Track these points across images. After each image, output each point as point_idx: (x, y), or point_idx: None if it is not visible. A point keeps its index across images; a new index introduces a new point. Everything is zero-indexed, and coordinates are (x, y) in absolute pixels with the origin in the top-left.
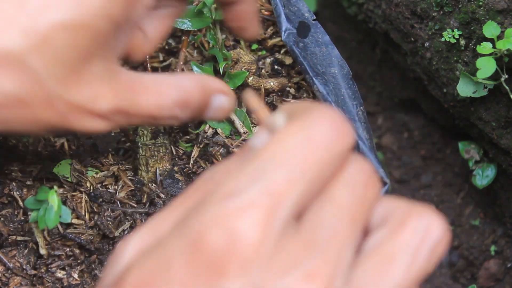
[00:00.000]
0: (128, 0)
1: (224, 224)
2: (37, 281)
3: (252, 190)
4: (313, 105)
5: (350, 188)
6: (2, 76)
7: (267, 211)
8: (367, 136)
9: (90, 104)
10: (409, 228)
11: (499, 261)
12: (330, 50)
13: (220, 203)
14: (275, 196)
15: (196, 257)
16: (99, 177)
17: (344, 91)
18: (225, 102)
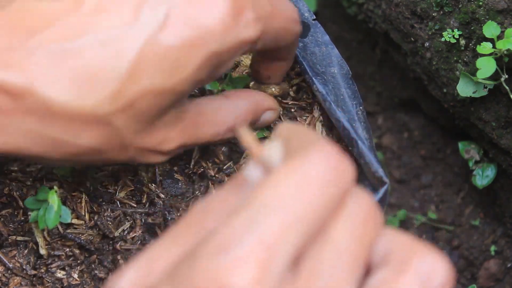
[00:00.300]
0: (215, 65)
1: (218, 281)
2: (37, 281)
3: (245, 243)
4: (311, 138)
5: (349, 228)
6: (86, 134)
7: (262, 264)
8: (366, 136)
9: (158, 147)
10: (411, 272)
11: (499, 261)
12: (330, 50)
13: (212, 257)
14: (269, 247)
15: None
16: (98, 177)
17: (344, 91)
18: (272, 116)
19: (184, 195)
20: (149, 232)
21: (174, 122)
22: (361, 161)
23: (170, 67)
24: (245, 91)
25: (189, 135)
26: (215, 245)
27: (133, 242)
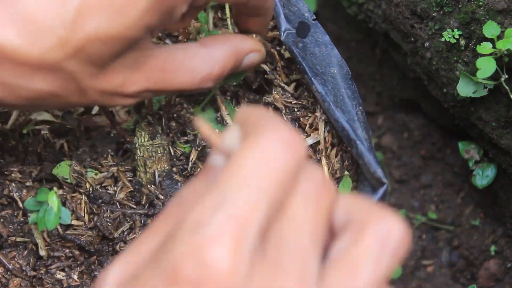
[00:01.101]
0: (164, 10)
1: (196, 255)
2: (36, 282)
3: (216, 219)
4: (263, 118)
5: (304, 201)
6: (39, 79)
7: (234, 238)
8: (366, 136)
9: (120, 89)
10: (369, 235)
11: (499, 261)
12: (330, 50)
13: (189, 235)
14: (239, 221)
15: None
16: (98, 178)
17: (344, 91)
18: (257, 57)
19: None
20: None
21: (136, 65)
22: (360, 162)
23: (115, 12)
24: (223, 36)
25: (155, 80)
26: (190, 225)
27: None
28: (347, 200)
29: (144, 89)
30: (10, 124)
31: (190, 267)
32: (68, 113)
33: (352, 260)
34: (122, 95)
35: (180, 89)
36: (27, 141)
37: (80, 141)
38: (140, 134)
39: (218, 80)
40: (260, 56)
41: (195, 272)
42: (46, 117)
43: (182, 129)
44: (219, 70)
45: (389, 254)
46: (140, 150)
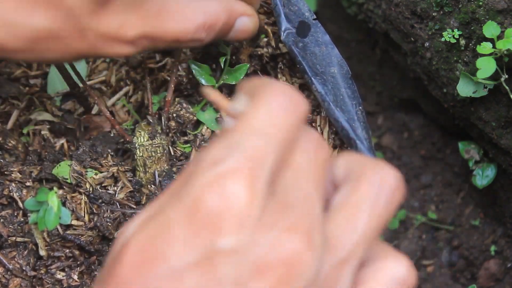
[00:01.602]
0: None
1: (216, 188)
2: (36, 282)
3: (234, 157)
4: (268, 81)
5: (305, 156)
6: (39, 15)
7: (250, 173)
8: (365, 136)
9: (117, 31)
10: (365, 182)
11: (499, 261)
12: (330, 50)
13: (208, 170)
14: (254, 160)
15: (195, 218)
16: (98, 178)
17: (344, 91)
18: (249, 23)
19: None
20: None
21: (134, 7)
22: None
23: None
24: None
25: (152, 24)
26: (208, 162)
27: None
28: (346, 157)
29: (141, 34)
30: (10, 124)
31: (210, 198)
32: (68, 113)
33: (351, 205)
34: (121, 40)
35: (175, 37)
36: (27, 141)
37: (80, 141)
38: (140, 134)
39: (210, 33)
40: (253, 23)
41: (216, 203)
42: (46, 117)
43: (182, 129)
44: (212, 21)
45: (384, 199)
46: (139, 150)
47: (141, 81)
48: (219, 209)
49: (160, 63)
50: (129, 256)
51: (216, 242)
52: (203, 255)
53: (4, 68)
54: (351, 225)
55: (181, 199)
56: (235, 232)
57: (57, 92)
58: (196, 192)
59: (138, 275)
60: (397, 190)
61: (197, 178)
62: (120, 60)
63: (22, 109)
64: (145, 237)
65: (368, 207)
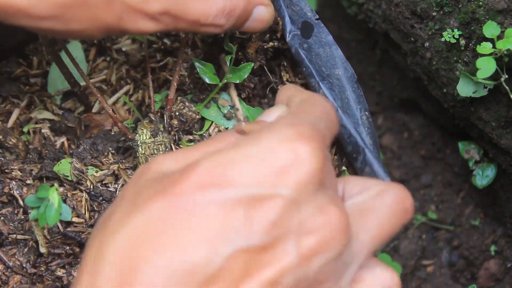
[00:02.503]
0: None
1: (291, 146)
2: (37, 279)
3: (308, 126)
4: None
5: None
6: None
7: (322, 145)
8: (370, 142)
9: (143, 4)
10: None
11: (499, 261)
12: (334, 51)
13: (286, 128)
14: (322, 134)
15: (269, 161)
16: (99, 176)
17: (349, 94)
18: (265, 12)
19: None
20: None
21: None
22: (367, 169)
23: None
24: None
25: (175, 1)
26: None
27: None
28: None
29: (164, 10)
30: (11, 123)
31: (287, 150)
32: (69, 112)
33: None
34: (145, 14)
35: (196, 18)
36: (28, 140)
37: (80, 140)
38: (142, 131)
39: (230, 19)
40: (269, 14)
41: (291, 155)
42: (47, 116)
43: (184, 127)
44: (231, 7)
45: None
46: (142, 147)
47: (141, 80)
48: (288, 165)
49: (161, 62)
50: (197, 175)
51: (280, 188)
52: (267, 193)
53: (4, 67)
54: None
55: (260, 142)
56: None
57: (57, 91)
58: (275, 140)
59: (202, 192)
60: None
61: (277, 130)
62: (120, 59)
63: (23, 108)
64: (218, 162)
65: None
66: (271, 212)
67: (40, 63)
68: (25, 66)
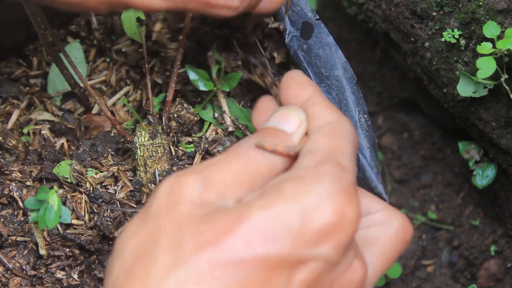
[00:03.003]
0: None
1: (338, 206)
2: (36, 281)
3: (350, 178)
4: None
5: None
6: None
7: (358, 194)
8: (367, 145)
9: None
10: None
11: (499, 261)
12: (334, 52)
13: (331, 183)
14: (354, 178)
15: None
16: (98, 178)
17: (348, 95)
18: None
19: None
20: None
21: None
22: (360, 175)
23: None
24: None
25: None
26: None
27: None
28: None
29: None
30: (11, 124)
31: (330, 211)
32: (69, 113)
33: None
34: None
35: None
36: (27, 141)
37: (80, 141)
38: (141, 133)
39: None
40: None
41: (334, 218)
42: (47, 117)
43: (183, 129)
44: None
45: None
46: (140, 149)
47: (141, 81)
48: (335, 223)
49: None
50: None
51: (321, 249)
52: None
53: (4, 67)
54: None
55: (304, 197)
56: (339, 248)
57: (57, 92)
58: (319, 196)
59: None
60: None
61: (320, 183)
62: (120, 60)
63: (23, 109)
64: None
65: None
66: (310, 275)
67: (40, 64)
68: (25, 66)
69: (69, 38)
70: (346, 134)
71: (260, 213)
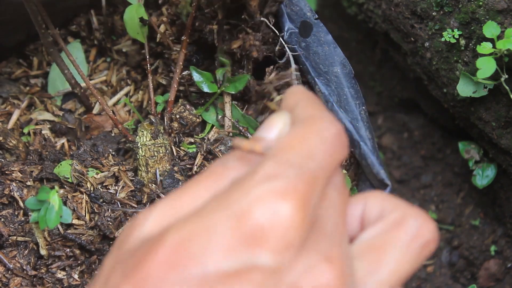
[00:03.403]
0: None
1: (269, 203)
2: (37, 281)
3: (289, 176)
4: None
5: (336, 190)
6: None
7: (304, 196)
8: (369, 136)
9: None
10: (404, 227)
11: (499, 261)
12: (333, 49)
13: (262, 184)
14: (308, 183)
15: (240, 228)
16: (99, 178)
17: (347, 90)
18: None
19: None
20: None
21: None
22: (363, 163)
23: None
24: None
25: None
26: (263, 175)
27: None
28: (381, 197)
29: None
30: (11, 124)
31: (261, 213)
32: (69, 113)
33: (381, 248)
34: None
35: None
36: (28, 141)
37: (81, 141)
38: (142, 133)
39: None
40: None
41: (265, 218)
42: (47, 117)
43: (185, 130)
44: None
45: (417, 249)
46: (142, 149)
47: (142, 82)
48: (267, 225)
49: (153, 65)
50: (162, 254)
51: (257, 257)
52: (241, 266)
53: (4, 67)
54: (377, 268)
55: (229, 206)
56: (277, 252)
57: (57, 92)
58: (246, 203)
59: (168, 274)
60: (431, 243)
61: (249, 189)
62: (121, 60)
63: (23, 109)
64: (183, 237)
65: (398, 254)
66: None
67: (41, 64)
68: (25, 66)
69: (70, 38)
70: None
71: (179, 231)
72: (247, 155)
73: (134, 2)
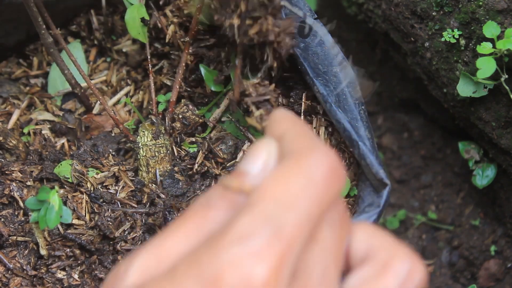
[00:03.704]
0: None
1: (240, 267)
2: (37, 281)
3: (264, 234)
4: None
5: (331, 230)
6: None
7: (279, 256)
8: (368, 136)
9: None
10: (392, 271)
11: (499, 261)
12: (331, 49)
13: (234, 245)
14: (286, 241)
15: None
16: (99, 178)
17: (346, 90)
18: None
19: (184, 195)
20: (150, 232)
21: None
22: (362, 162)
23: None
24: None
25: None
26: (235, 235)
27: (134, 242)
28: (368, 231)
29: None
30: (11, 124)
31: (232, 277)
32: (69, 113)
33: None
34: None
35: None
36: (28, 141)
37: (81, 141)
38: (143, 133)
39: None
40: None
41: (237, 283)
42: (47, 117)
43: (187, 130)
44: None
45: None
46: (143, 149)
47: (142, 82)
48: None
49: (157, 66)
50: None
51: None
52: None
53: (4, 67)
54: None
55: (200, 270)
56: None
57: (57, 92)
58: (218, 266)
59: None
60: (421, 285)
61: (221, 252)
62: (121, 60)
63: (23, 109)
64: None
65: None
66: None
67: (41, 64)
68: (25, 66)
69: (70, 38)
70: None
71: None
72: (229, 193)
73: (135, 2)
